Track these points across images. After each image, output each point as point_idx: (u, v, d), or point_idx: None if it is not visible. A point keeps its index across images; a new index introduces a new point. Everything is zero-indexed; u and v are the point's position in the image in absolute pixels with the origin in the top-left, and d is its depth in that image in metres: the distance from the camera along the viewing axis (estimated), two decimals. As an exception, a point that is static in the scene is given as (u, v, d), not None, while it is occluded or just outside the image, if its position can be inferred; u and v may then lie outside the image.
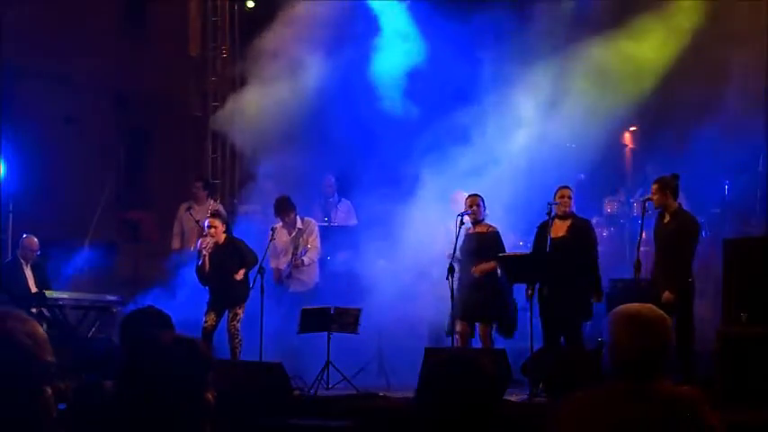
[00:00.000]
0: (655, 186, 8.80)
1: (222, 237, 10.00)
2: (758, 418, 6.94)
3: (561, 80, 11.58)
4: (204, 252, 9.89)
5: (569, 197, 9.08)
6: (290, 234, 10.27)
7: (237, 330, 9.80)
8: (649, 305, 3.28)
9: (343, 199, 12.48)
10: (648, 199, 8.91)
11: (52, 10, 12.71)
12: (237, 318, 9.82)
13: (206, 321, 9.77)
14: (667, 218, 8.78)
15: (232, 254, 9.93)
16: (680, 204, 8.89)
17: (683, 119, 11.77)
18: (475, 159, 11.39)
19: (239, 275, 9.80)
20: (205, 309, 9.84)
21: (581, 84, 11.45)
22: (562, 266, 8.78)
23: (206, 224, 10.16)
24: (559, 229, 9.05)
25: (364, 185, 11.83)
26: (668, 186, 8.74)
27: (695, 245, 8.79)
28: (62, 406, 3.47)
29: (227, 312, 9.84)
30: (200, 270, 9.97)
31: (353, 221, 12.37)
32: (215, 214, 10.49)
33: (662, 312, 3.26)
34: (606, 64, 11.41)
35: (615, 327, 3.20)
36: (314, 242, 10.23)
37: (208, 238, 9.95)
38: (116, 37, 14.08)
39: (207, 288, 10.02)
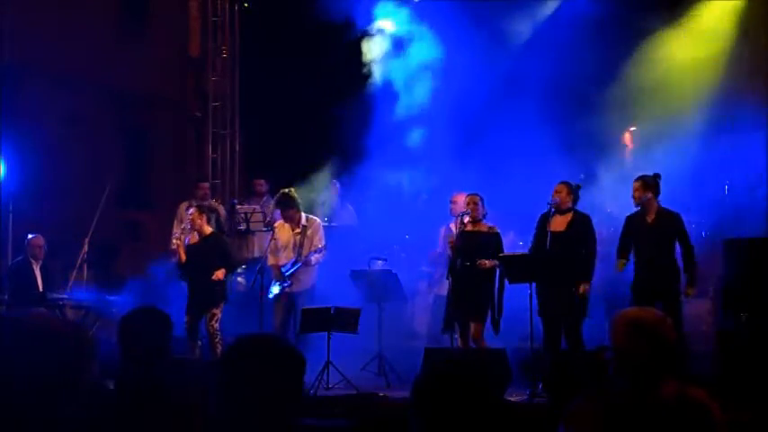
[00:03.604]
0: (636, 184, 8.81)
1: (207, 230, 10.12)
2: (758, 418, 6.94)
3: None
4: (176, 241, 10.00)
5: (558, 191, 9.08)
6: (293, 230, 10.18)
7: (216, 330, 9.91)
8: (650, 308, 3.28)
9: (347, 204, 12.51)
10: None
11: (52, 10, 12.71)
12: (216, 318, 9.93)
13: (186, 322, 9.94)
14: (651, 216, 8.79)
15: (212, 248, 10.03)
16: (659, 202, 8.90)
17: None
18: (475, 159, 11.42)
19: (218, 275, 9.89)
20: (185, 309, 10.00)
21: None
22: (560, 262, 8.76)
23: (188, 213, 10.36)
24: (559, 223, 9.05)
25: (364, 185, 11.86)
26: (649, 185, 8.76)
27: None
28: None
29: (204, 313, 9.97)
30: (177, 262, 10.15)
31: (354, 223, 12.40)
32: (199, 206, 10.62)
33: (663, 315, 3.26)
34: None
35: (617, 331, 3.21)
36: (321, 241, 10.18)
37: (185, 224, 10.07)
38: (116, 37, 14.07)
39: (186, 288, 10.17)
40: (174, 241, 10.09)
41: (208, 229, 10.19)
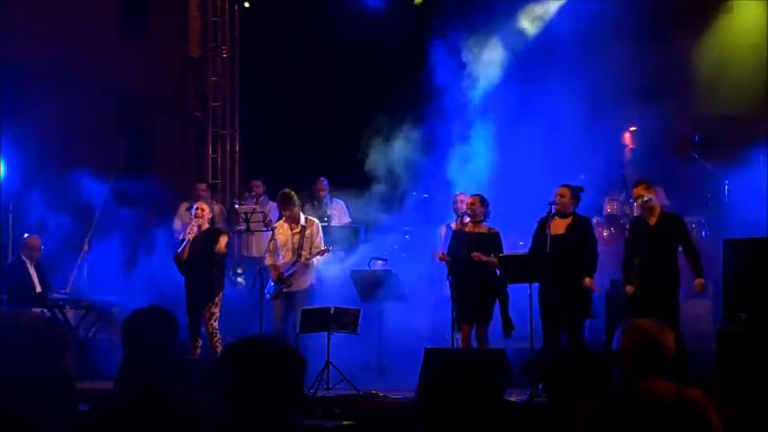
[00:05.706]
0: (644, 186, 8.87)
1: (206, 224, 10.14)
2: (758, 418, 6.94)
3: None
4: (188, 238, 9.99)
5: (562, 195, 9.07)
6: (291, 230, 10.17)
7: (216, 329, 9.93)
8: (654, 320, 3.43)
9: (335, 199, 12.50)
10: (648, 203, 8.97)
11: (52, 10, 12.70)
12: (214, 317, 9.94)
13: (188, 322, 9.93)
14: (654, 219, 8.86)
15: (210, 241, 10.03)
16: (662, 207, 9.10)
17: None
18: (477, 159, 11.42)
19: (220, 245, 9.89)
20: (186, 309, 9.99)
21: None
22: (561, 264, 8.77)
23: (193, 208, 10.29)
24: (559, 226, 9.04)
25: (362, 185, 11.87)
26: (654, 188, 8.92)
27: None
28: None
29: (203, 311, 9.96)
30: (177, 257, 10.10)
31: (347, 220, 12.40)
32: (206, 201, 10.63)
33: (665, 325, 3.38)
34: None
35: (623, 338, 3.39)
36: (322, 243, 10.17)
37: (192, 224, 10.05)
38: (116, 37, 14.07)
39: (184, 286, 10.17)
40: (189, 236, 10.07)
41: (206, 224, 10.20)
